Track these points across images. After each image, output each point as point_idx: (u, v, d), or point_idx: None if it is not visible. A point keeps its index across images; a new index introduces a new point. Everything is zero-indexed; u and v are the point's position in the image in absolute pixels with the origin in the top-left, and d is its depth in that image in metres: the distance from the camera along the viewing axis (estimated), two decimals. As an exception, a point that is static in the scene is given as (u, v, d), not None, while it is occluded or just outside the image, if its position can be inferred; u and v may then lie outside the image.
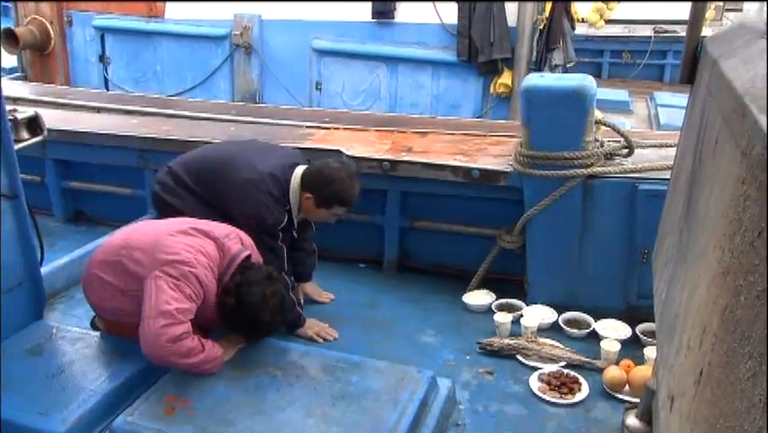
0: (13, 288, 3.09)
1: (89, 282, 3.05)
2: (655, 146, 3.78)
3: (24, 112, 3.33)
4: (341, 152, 3.96)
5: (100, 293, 3.01)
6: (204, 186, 3.45)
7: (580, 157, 3.44)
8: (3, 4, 10.76)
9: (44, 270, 3.49)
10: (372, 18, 7.67)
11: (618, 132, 3.62)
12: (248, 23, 7.94)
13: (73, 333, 3.13)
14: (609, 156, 3.57)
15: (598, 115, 3.51)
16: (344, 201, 3.40)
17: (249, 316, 2.87)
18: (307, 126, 4.57)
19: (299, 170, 3.44)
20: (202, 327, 2.91)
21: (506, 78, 7.46)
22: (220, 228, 3.01)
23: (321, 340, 3.47)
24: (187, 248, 2.82)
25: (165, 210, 3.50)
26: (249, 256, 3.00)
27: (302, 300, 3.64)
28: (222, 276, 2.89)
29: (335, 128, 4.52)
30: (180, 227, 2.95)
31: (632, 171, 3.49)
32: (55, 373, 2.83)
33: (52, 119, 4.55)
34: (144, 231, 3.03)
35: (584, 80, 3.42)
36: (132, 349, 2.89)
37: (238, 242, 3.02)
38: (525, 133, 3.51)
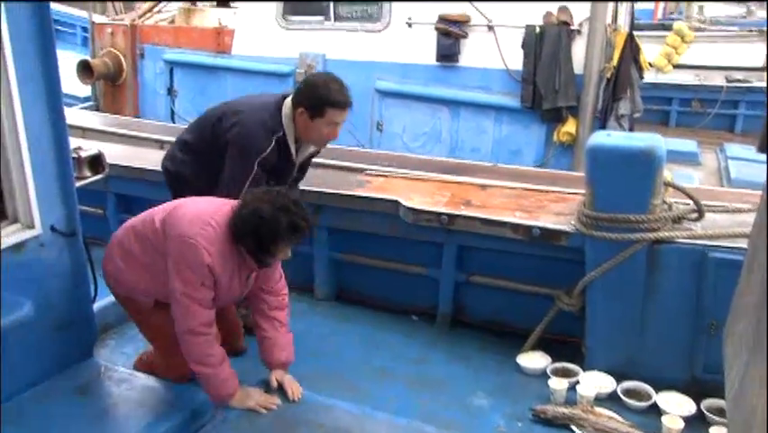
0: (64, 324, 3.10)
1: (110, 250, 3.14)
2: (728, 211, 3.60)
3: (88, 150, 3.39)
4: (399, 202, 3.89)
5: (117, 263, 3.08)
6: (201, 134, 3.56)
7: (646, 220, 3.29)
8: (83, 35, 11.23)
9: (97, 305, 3.52)
10: (437, 61, 7.64)
11: (688, 195, 3.46)
12: (312, 61, 8.02)
13: (120, 373, 3.13)
14: (677, 220, 3.42)
15: (666, 176, 3.36)
16: (334, 101, 3.32)
17: (252, 221, 2.78)
18: (366, 172, 4.52)
19: (289, 99, 3.44)
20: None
21: (570, 126, 7.31)
22: None
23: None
24: (196, 221, 2.83)
25: (173, 184, 3.69)
26: None
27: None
28: None
29: (394, 176, 4.46)
30: (207, 198, 3.04)
31: (702, 237, 3.33)
32: (99, 415, 2.82)
33: (117, 153, 4.66)
34: (172, 203, 3.11)
35: (653, 141, 3.29)
36: (176, 395, 2.87)
37: None
38: (589, 192, 3.38)
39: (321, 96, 3.31)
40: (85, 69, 8.32)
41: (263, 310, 3.13)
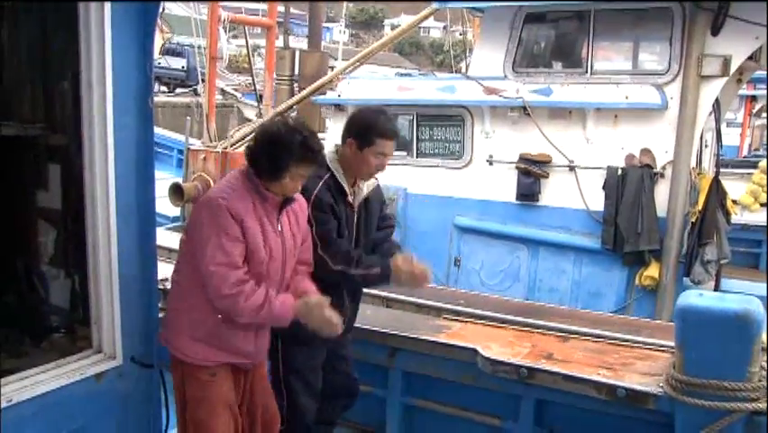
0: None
1: (166, 316, 3.13)
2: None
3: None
4: (477, 351, 3.80)
5: (170, 310, 3.08)
6: None
7: (743, 389, 3.07)
8: (178, 156, 11.89)
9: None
10: (517, 199, 7.69)
11: (788, 364, 3.24)
12: (394, 195, 8.15)
13: None
14: (778, 389, 3.19)
15: (766, 340, 3.17)
16: (382, 130, 3.35)
17: (265, 139, 2.86)
18: (444, 317, 4.47)
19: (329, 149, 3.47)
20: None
21: (653, 270, 7.12)
22: None
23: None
24: (216, 188, 2.94)
25: None
26: None
27: (369, 261, 3.40)
28: None
29: (473, 322, 4.39)
30: None
31: (805, 407, 3.08)
32: None
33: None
34: None
35: (750, 303, 3.12)
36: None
37: None
38: (680, 355, 3.21)
39: (370, 125, 3.36)
40: (176, 192, 8.72)
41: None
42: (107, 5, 2.70)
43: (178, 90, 27.24)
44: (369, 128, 3.36)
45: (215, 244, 2.76)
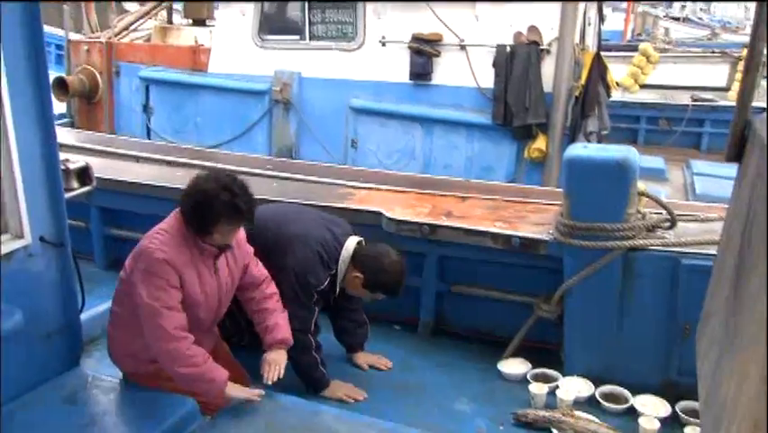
0: (51, 333, 3.11)
1: (109, 329, 3.13)
2: (699, 220, 3.74)
3: (76, 162, 3.41)
4: (381, 213, 3.98)
5: (112, 335, 3.08)
6: (254, 239, 3.49)
7: (621, 229, 3.42)
8: (57, 52, 11.18)
9: (83, 316, 3.53)
10: (410, 79, 7.77)
11: (661, 204, 3.60)
12: (288, 79, 8.09)
13: (107, 382, 3.14)
14: (651, 229, 3.55)
15: (640, 186, 3.50)
16: (392, 293, 3.49)
17: (194, 198, 2.81)
18: (349, 186, 4.61)
19: (351, 241, 3.48)
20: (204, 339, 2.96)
21: (540, 143, 7.46)
22: None
23: (351, 401, 3.44)
24: (146, 239, 2.89)
25: None
26: None
27: (325, 362, 3.55)
28: None
29: (376, 189, 4.55)
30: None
31: (675, 245, 3.46)
32: (87, 424, 2.83)
33: (96, 167, 4.66)
34: None
35: (628, 152, 3.43)
36: (163, 403, 2.90)
37: None
38: (567, 202, 3.50)
39: (387, 283, 3.45)
40: (60, 86, 8.29)
41: (254, 304, 3.18)
42: None
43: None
44: (381, 283, 3.45)
45: (157, 286, 2.79)
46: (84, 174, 3.45)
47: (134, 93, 8.98)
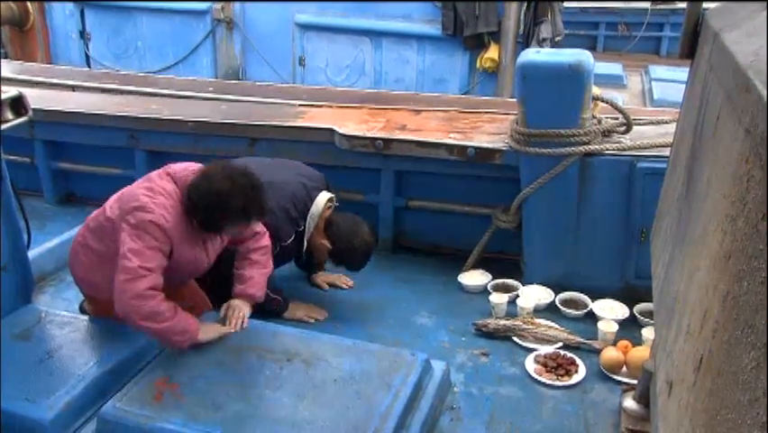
0: (-2, 272, 3.03)
1: (75, 255, 3.01)
2: (654, 123, 3.71)
3: (7, 92, 3.24)
4: (334, 130, 3.88)
5: (85, 264, 2.96)
6: None
7: (577, 134, 3.37)
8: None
9: (32, 253, 3.44)
10: (356, -10, 7.55)
11: (617, 108, 3.55)
12: (229, -3, 7.82)
13: (62, 317, 3.08)
14: (607, 133, 3.51)
15: (595, 91, 3.43)
16: (354, 269, 3.53)
17: (207, 196, 2.71)
18: (299, 105, 4.48)
19: (322, 197, 3.40)
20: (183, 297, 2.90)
21: (492, 52, 7.32)
22: (180, 165, 2.93)
23: (311, 321, 3.43)
24: (146, 192, 2.76)
25: None
26: None
27: (278, 286, 3.49)
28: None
29: (327, 106, 4.43)
30: (149, 175, 2.92)
31: (630, 149, 3.43)
32: (43, 359, 2.79)
33: (36, 99, 4.47)
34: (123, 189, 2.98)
35: (581, 56, 3.34)
36: (121, 333, 2.86)
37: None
38: (521, 110, 3.43)
39: (350, 258, 3.45)
40: (-11, 12, 7.90)
41: (239, 254, 3.10)
42: None
43: None
44: (351, 258, 3.44)
45: (149, 246, 2.66)
46: (18, 104, 3.28)
47: (69, 18, 8.58)
